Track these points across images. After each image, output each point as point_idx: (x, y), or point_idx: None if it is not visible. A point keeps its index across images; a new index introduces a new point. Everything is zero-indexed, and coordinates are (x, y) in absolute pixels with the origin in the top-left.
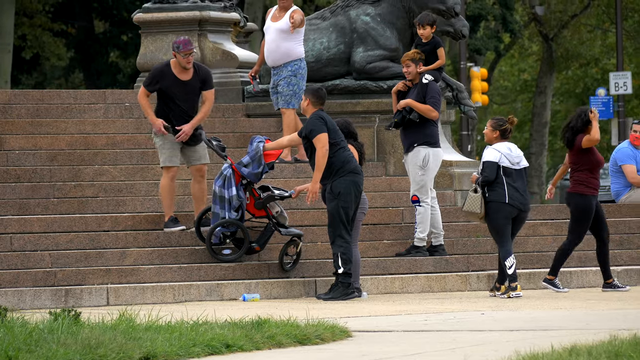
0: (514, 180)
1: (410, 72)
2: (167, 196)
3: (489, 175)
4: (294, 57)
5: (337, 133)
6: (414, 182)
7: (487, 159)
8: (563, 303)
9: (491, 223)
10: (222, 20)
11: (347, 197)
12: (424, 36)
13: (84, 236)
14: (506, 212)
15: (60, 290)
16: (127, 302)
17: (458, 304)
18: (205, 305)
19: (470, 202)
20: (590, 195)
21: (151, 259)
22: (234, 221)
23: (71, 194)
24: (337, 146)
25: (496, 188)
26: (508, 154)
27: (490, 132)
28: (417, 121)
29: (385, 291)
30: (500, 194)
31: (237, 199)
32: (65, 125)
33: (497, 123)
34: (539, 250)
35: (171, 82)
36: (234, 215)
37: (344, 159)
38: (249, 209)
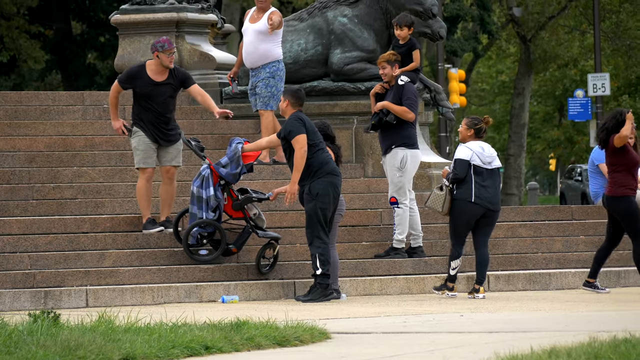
0: (484, 180)
1: (386, 74)
2: (144, 198)
3: (459, 172)
4: (272, 59)
5: (316, 134)
6: (392, 183)
7: (458, 157)
8: (542, 305)
9: (452, 221)
10: (199, 21)
11: (325, 198)
12: (400, 37)
13: (63, 238)
14: (470, 211)
15: (40, 292)
16: (106, 304)
17: (437, 305)
18: (184, 307)
19: (433, 199)
20: (632, 196)
21: (130, 260)
22: (211, 221)
23: (50, 195)
24: (315, 147)
25: (464, 186)
26: (480, 152)
27: (465, 131)
28: (394, 123)
29: (364, 293)
30: (467, 193)
31: (214, 199)
32: (43, 127)
33: (472, 122)
34: (517, 252)
35: (145, 83)
36: (211, 216)
37: (322, 160)
38: (227, 210)
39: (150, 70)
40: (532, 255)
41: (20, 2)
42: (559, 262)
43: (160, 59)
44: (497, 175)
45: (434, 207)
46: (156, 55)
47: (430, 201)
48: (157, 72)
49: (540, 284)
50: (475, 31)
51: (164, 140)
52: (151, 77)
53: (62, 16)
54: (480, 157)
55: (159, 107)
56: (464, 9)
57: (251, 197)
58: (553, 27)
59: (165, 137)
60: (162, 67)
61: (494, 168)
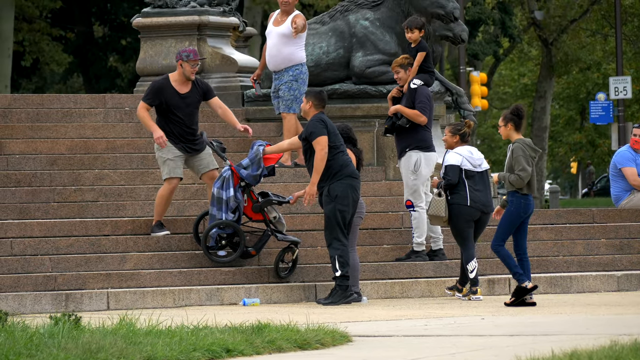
0: (476, 183)
1: (400, 78)
2: (162, 204)
3: (452, 178)
4: (295, 62)
5: (337, 137)
6: (407, 187)
7: (449, 163)
8: (563, 308)
9: (454, 226)
10: (221, 24)
11: (344, 200)
12: (411, 40)
13: (84, 240)
14: (468, 214)
15: (61, 294)
16: (128, 307)
17: (458, 308)
18: (205, 309)
19: (434, 206)
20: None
21: (151, 263)
22: (230, 222)
23: (71, 198)
24: (336, 149)
25: (458, 191)
26: (470, 157)
27: (450, 138)
28: (406, 126)
29: (385, 296)
30: (462, 197)
31: (234, 200)
32: (65, 130)
33: (456, 128)
34: (538, 255)
35: (171, 95)
36: (230, 217)
37: (342, 162)
38: (247, 212)
39: (174, 81)
40: (553, 258)
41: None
42: (580, 265)
43: (183, 68)
44: (486, 177)
45: (437, 213)
46: (180, 64)
47: (432, 209)
48: (181, 83)
49: (561, 287)
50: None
51: (193, 149)
52: (176, 88)
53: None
54: (470, 161)
55: (185, 118)
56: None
57: (271, 200)
58: (575, 30)
59: (193, 146)
60: (184, 78)
61: (483, 170)
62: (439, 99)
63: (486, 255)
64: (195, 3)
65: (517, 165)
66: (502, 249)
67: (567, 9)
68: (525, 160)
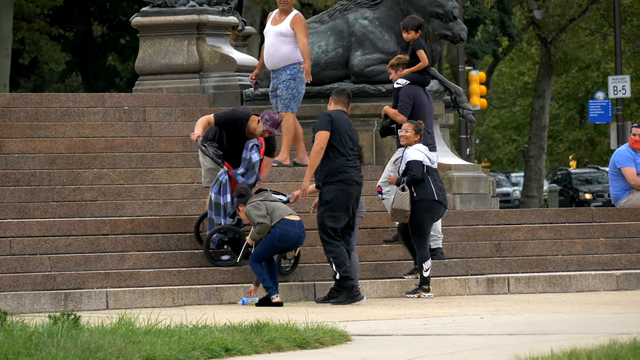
0: (435, 179)
1: (392, 79)
2: None
3: (416, 173)
4: (293, 61)
5: (344, 138)
6: (384, 175)
7: (412, 158)
8: (562, 307)
9: (418, 222)
10: (220, 24)
11: (334, 206)
12: (408, 40)
13: (83, 240)
14: (434, 210)
15: (60, 294)
16: (127, 306)
17: (457, 307)
18: (204, 309)
19: (399, 200)
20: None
21: (150, 262)
22: (231, 227)
23: (70, 197)
24: (337, 151)
25: (423, 186)
26: (427, 153)
27: (413, 136)
28: (391, 127)
29: (384, 295)
30: (429, 192)
31: (231, 206)
32: (64, 129)
33: (417, 127)
34: (537, 254)
35: (239, 134)
36: (229, 222)
37: (338, 165)
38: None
39: (249, 126)
40: (552, 257)
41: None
42: (579, 265)
43: (257, 126)
44: (438, 174)
45: (402, 207)
46: (258, 121)
47: (397, 203)
48: (251, 133)
49: (560, 286)
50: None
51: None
52: (246, 133)
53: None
54: (429, 157)
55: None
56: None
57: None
58: (574, 29)
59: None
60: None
61: (435, 167)
62: (437, 98)
63: (485, 255)
64: (194, 2)
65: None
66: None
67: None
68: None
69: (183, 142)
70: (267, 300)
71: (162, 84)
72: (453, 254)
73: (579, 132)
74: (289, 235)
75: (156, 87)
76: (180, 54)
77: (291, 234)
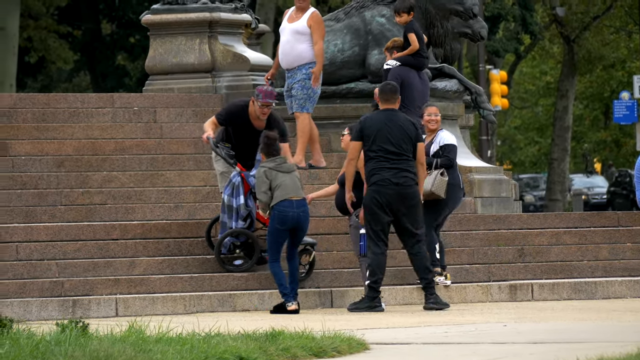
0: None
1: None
2: None
3: (453, 157)
4: (309, 60)
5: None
6: None
7: (450, 142)
8: (588, 315)
9: (442, 207)
10: (232, 21)
11: (369, 209)
12: (400, 23)
13: (92, 245)
14: (458, 197)
15: (68, 300)
16: (137, 313)
17: (479, 315)
18: (217, 316)
19: (439, 184)
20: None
21: (161, 268)
22: (243, 231)
23: (79, 201)
24: (366, 156)
25: (452, 172)
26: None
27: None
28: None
29: (403, 302)
30: (457, 179)
31: (244, 208)
32: (72, 130)
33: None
34: (562, 260)
35: (243, 125)
36: (241, 225)
37: (370, 170)
38: (259, 218)
39: (251, 112)
40: (578, 263)
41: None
42: (605, 270)
43: (254, 105)
44: None
45: (439, 192)
46: (252, 101)
47: (436, 187)
48: (256, 118)
49: (585, 292)
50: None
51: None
52: (251, 119)
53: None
54: None
55: (250, 148)
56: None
57: None
58: (598, 27)
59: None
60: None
61: None
62: (457, 98)
63: (507, 260)
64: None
65: None
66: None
67: (590, 5)
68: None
69: (195, 143)
70: (282, 308)
71: (173, 83)
72: (474, 260)
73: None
74: (287, 216)
75: (167, 87)
76: (191, 53)
77: (289, 214)
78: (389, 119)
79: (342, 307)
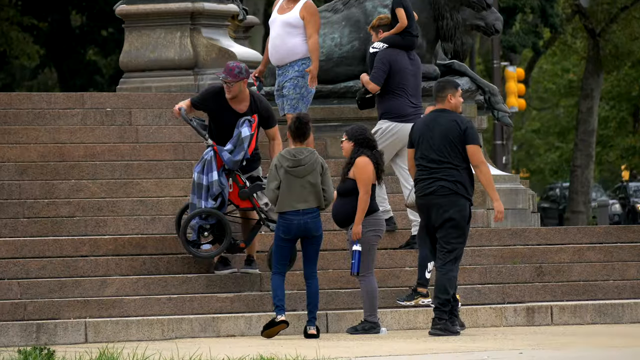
0: None
1: (373, 41)
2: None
3: None
4: (301, 55)
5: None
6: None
7: None
8: (614, 341)
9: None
10: (218, 12)
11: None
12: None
13: (59, 262)
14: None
15: (31, 324)
16: (108, 339)
17: (492, 341)
18: (198, 342)
19: None
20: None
21: (136, 288)
22: (212, 210)
23: (43, 213)
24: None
25: None
26: None
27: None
28: (367, 97)
29: (407, 326)
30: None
31: (217, 185)
32: (36, 134)
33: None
34: (585, 279)
35: (221, 109)
36: (211, 204)
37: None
38: (232, 199)
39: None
40: (603, 282)
41: None
42: (634, 291)
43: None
44: None
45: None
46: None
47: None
48: (237, 99)
49: (611, 316)
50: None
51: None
52: (230, 102)
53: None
54: None
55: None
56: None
57: (261, 185)
58: (626, 19)
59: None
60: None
61: None
62: (469, 98)
63: (524, 280)
64: None
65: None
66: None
67: None
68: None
69: (174, 149)
70: (272, 323)
71: (151, 82)
72: (487, 279)
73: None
74: (292, 224)
75: (144, 86)
76: (171, 48)
77: (294, 222)
78: (433, 121)
79: (339, 331)
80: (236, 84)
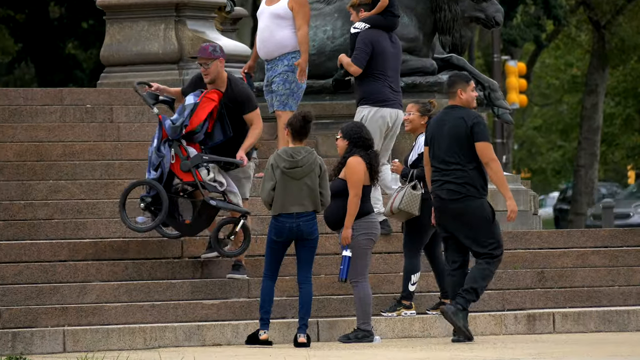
0: None
1: (352, 20)
2: None
3: None
4: (291, 49)
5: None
6: None
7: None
8: (620, 349)
9: (421, 224)
10: (204, 4)
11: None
12: None
13: (36, 267)
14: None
15: (7, 333)
16: (88, 348)
17: (492, 350)
18: (183, 351)
19: (408, 200)
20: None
21: (117, 295)
22: (151, 182)
23: (20, 215)
24: None
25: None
26: None
27: (418, 119)
28: (345, 79)
29: (402, 335)
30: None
31: (156, 154)
32: (13, 132)
33: (424, 107)
34: (589, 285)
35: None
36: (152, 175)
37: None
38: (175, 171)
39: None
40: (607, 288)
41: None
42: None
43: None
44: None
45: (409, 210)
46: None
47: (405, 204)
48: (212, 85)
49: (617, 323)
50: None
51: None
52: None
53: None
54: None
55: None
56: None
57: (201, 156)
58: (633, 11)
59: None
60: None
61: None
62: None
63: (525, 286)
64: None
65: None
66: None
67: None
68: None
69: None
70: (255, 337)
71: (133, 76)
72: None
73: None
74: (284, 227)
75: (126, 81)
76: (155, 41)
77: (286, 225)
78: (443, 119)
79: (330, 340)
80: (212, 64)
